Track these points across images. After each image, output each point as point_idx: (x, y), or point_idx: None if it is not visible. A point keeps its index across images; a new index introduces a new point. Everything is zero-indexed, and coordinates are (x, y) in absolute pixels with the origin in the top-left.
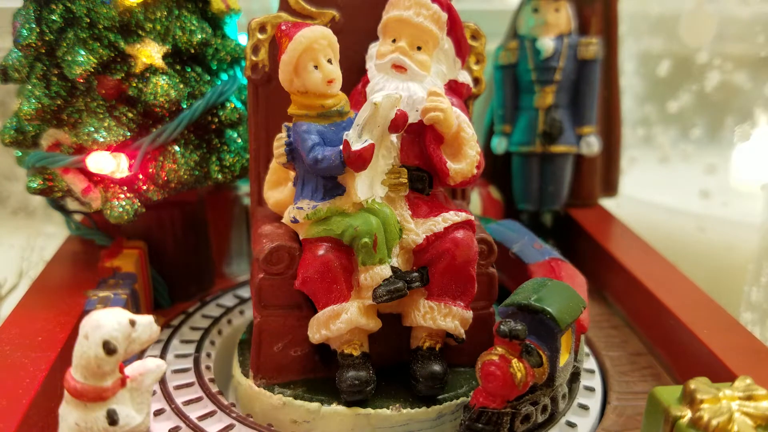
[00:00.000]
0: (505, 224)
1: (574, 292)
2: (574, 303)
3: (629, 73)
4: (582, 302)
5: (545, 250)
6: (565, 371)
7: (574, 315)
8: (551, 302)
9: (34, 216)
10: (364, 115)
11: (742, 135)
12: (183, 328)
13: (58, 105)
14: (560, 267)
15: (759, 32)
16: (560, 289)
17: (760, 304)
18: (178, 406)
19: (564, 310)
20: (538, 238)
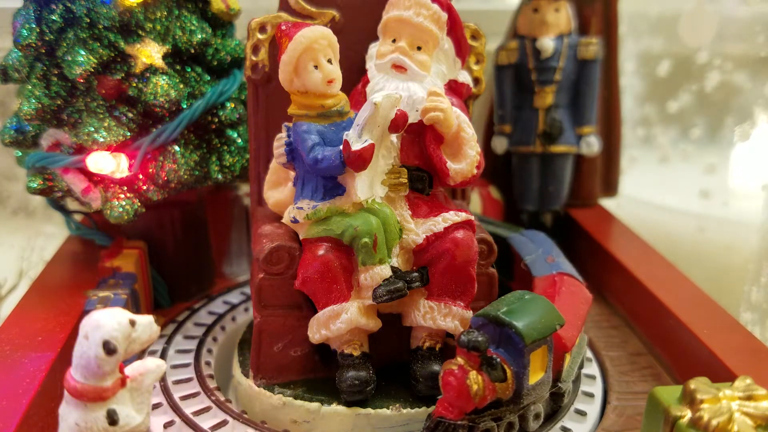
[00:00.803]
0: (530, 234)
1: (552, 309)
2: (547, 320)
3: (629, 73)
4: (558, 320)
5: (556, 264)
6: (538, 390)
7: (544, 332)
8: (520, 316)
9: (34, 216)
10: (364, 115)
11: (742, 135)
12: (186, 324)
13: (58, 105)
14: (563, 282)
15: (759, 32)
16: (536, 304)
17: (760, 304)
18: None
19: (533, 326)
20: (556, 251)
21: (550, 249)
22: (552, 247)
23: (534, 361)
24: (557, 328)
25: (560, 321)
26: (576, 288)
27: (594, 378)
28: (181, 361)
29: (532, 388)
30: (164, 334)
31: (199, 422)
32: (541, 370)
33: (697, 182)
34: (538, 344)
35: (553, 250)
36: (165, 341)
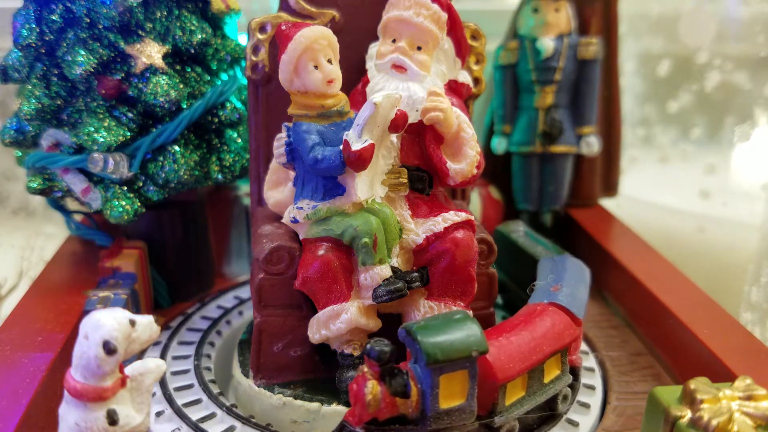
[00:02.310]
0: (561, 259)
1: (475, 334)
2: (461, 343)
3: (629, 73)
4: (478, 347)
5: (556, 294)
6: (454, 417)
7: (453, 355)
8: (432, 334)
9: (34, 216)
10: (364, 115)
11: (742, 135)
12: (183, 327)
13: (58, 105)
14: (543, 314)
15: (759, 32)
16: (458, 326)
17: (760, 304)
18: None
19: (439, 346)
20: (572, 282)
21: (565, 278)
22: (571, 276)
23: (448, 384)
24: (473, 355)
25: (480, 348)
26: (557, 323)
27: (594, 378)
28: (182, 359)
29: (444, 412)
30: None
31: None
32: (460, 397)
33: (697, 182)
34: (452, 367)
35: (568, 279)
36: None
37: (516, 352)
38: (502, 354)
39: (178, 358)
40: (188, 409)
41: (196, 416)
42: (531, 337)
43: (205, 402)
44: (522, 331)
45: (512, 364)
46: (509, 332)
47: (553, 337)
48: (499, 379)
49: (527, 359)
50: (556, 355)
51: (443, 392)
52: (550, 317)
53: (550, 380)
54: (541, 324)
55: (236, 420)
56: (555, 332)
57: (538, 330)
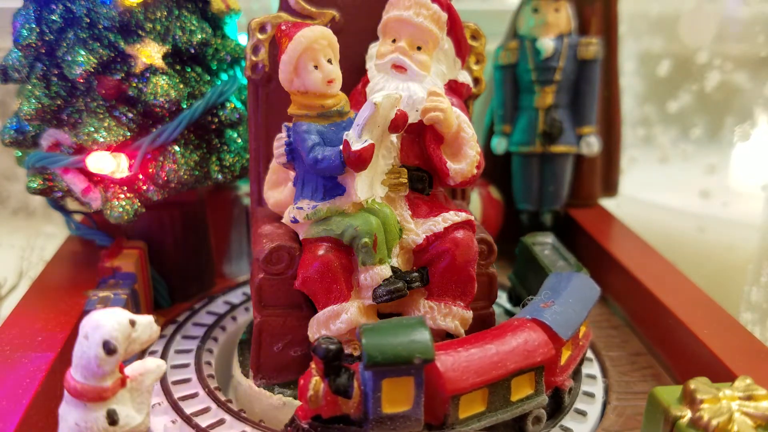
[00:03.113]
0: (566, 276)
1: (423, 341)
2: (405, 349)
3: (629, 73)
4: (423, 354)
5: (542, 310)
6: (399, 424)
7: (394, 359)
8: (377, 336)
9: (34, 216)
10: (364, 115)
11: (742, 135)
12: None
13: (58, 105)
14: (519, 328)
15: (759, 32)
16: (407, 331)
17: (760, 304)
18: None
19: (380, 348)
20: (568, 301)
21: (563, 295)
22: (570, 294)
23: (392, 389)
24: (415, 361)
25: (424, 355)
26: (530, 340)
27: (594, 378)
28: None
29: (388, 417)
30: (164, 334)
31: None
32: (405, 404)
33: (697, 182)
34: (395, 372)
35: (565, 297)
36: (166, 340)
37: (473, 365)
38: (457, 365)
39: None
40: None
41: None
42: (495, 351)
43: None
44: (486, 344)
45: (467, 377)
46: (472, 344)
47: (521, 353)
48: (447, 390)
49: (486, 373)
50: (528, 374)
51: (386, 397)
52: (525, 333)
53: (519, 399)
54: (511, 339)
55: (227, 414)
56: (525, 349)
57: (505, 345)
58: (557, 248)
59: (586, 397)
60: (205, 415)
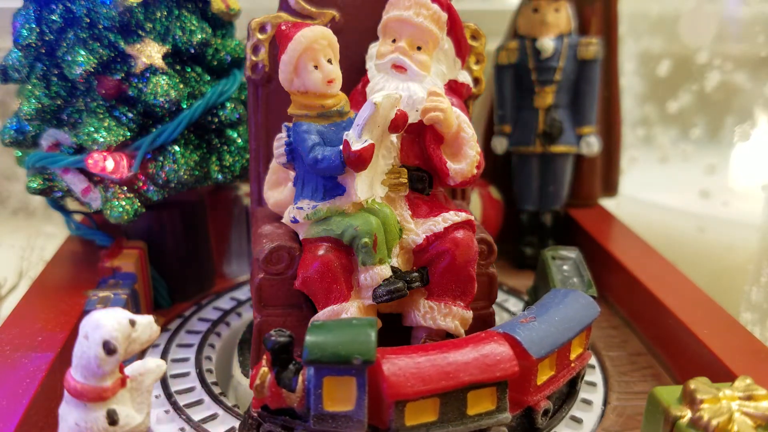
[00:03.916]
0: (564, 294)
1: (365, 343)
2: (346, 348)
3: (629, 73)
4: (363, 354)
5: (519, 326)
6: (340, 423)
7: (332, 358)
8: (322, 333)
9: (34, 216)
10: (364, 115)
11: (742, 135)
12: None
13: (58, 105)
14: (484, 341)
15: (759, 32)
16: (354, 331)
17: (760, 304)
18: None
19: (321, 346)
20: (549, 316)
21: (548, 313)
22: (557, 313)
23: (333, 388)
24: (354, 361)
25: (364, 356)
26: (492, 355)
27: (594, 377)
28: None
29: (329, 415)
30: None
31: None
32: (347, 404)
33: (697, 182)
34: (335, 370)
35: (551, 315)
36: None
37: (422, 372)
38: (403, 370)
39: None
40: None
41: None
42: (449, 360)
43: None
44: (442, 353)
45: (412, 383)
46: (427, 351)
47: (479, 366)
48: (388, 395)
49: (434, 382)
50: (488, 388)
51: (327, 394)
52: (489, 346)
53: (477, 414)
54: (471, 350)
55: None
56: (485, 363)
57: (462, 355)
58: (578, 264)
59: (587, 396)
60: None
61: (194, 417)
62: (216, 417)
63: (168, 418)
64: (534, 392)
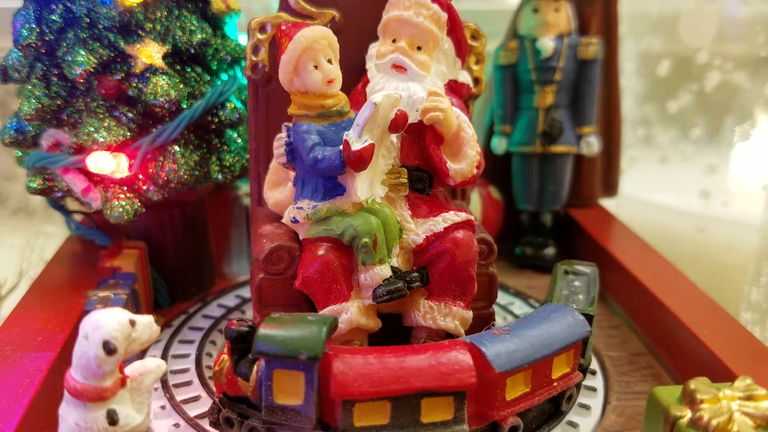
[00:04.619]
0: (552, 310)
1: (315, 339)
2: (293, 344)
3: (629, 73)
4: (310, 351)
5: (487, 338)
6: (290, 417)
7: (279, 351)
8: (276, 327)
9: (34, 216)
10: (364, 115)
11: (742, 135)
12: (183, 328)
13: (58, 105)
14: (445, 349)
15: (759, 32)
16: (306, 326)
17: (760, 304)
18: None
19: (270, 339)
20: (525, 331)
21: (526, 327)
22: (536, 330)
23: (283, 381)
24: (300, 357)
25: (310, 352)
26: (449, 363)
27: (594, 378)
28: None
29: (279, 408)
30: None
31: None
32: (296, 398)
33: (697, 182)
34: (283, 364)
35: (527, 331)
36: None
37: (372, 374)
38: (352, 370)
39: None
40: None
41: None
42: (402, 365)
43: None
44: (397, 357)
45: (359, 384)
46: (382, 353)
47: (433, 374)
48: (333, 393)
49: (383, 385)
50: (445, 398)
51: (278, 387)
52: (449, 355)
53: (432, 422)
54: (428, 357)
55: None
56: (440, 371)
57: (417, 361)
58: (591, 281)
59: (587, 396)
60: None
61: (190, 413)
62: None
63: (164, 414)
64: (501, 407)
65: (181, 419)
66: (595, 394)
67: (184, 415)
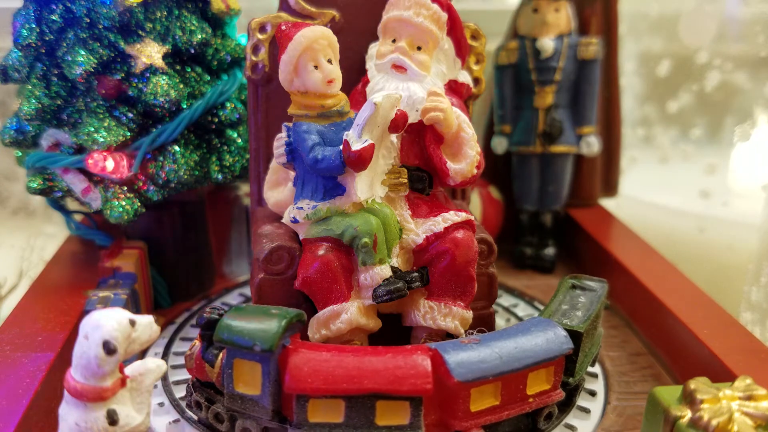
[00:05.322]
0: (534, 324)
1: (271, 332)
2: (250, 335)
3: (629, 73)
4: (262, 343)
5: (452, 346)
6: (248, 406)
7: (236, 341)
8: (238, 317)
9: (34, 216)
10: (364, 115)
11: (742, 135)
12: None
13: (58, 105)
14: (407, 353)
15: (759, 32)
16: (266, 319)
17: (760, 304)
18: None
19: (229, 329)
20: (495, 341)
21: (498, 339)
22: (509, 342)
23: (242, 371)
24: (255, 348)
25: (264, 345)
26: (405, 367)
27: (595, 378)
28: None
29: (239, 396)
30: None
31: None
32: (254, 388)
33: (697, 182)
34: (241, 354)
35: (498, 343)
36: None
37: (325, 371)
38: (307, 366)
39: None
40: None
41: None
42: (357, 365)
43: None
44: (354, 357)
45: (311, 380)
46: (341, 352)
47: (387, 377)
48: (286, 387)
49: (335, 383)
50: (401, 402)
51: (237, 376)
52: (408, 359)
53: (387, 425)
54: (387, 360)
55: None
56: (394, 374)
57: (374, 363)
58: (596, 298)
59: (588, 396)
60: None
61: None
62: None
63: (163, 410)
64: (464, 417)
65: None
66: (595, 395)
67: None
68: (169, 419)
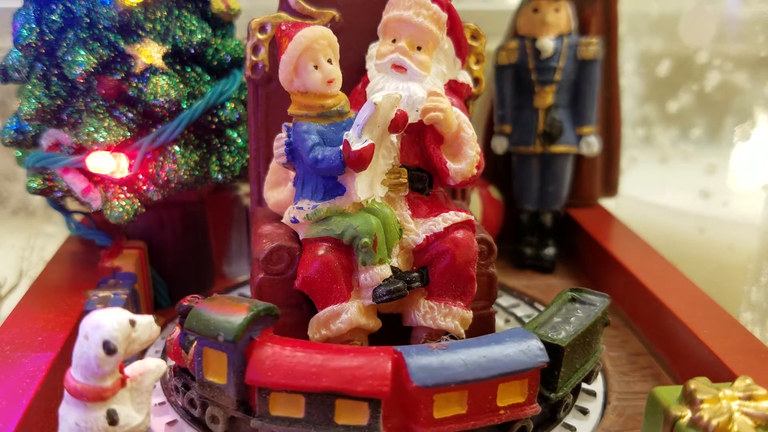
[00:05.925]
0: (512, 334)
1: (235, 323)
2: (215, 325)
3: (629, 73)
4: (226, 334)
5: (416, 350)
6: (216, 394)
7: (202, 330)
8: (210, 306)
9: (34, 216)
10: (364, 115)
11: (742, 135)
12: None
13: (58, 105)
14: (372, 353)
15: (759, 32)
16: (234, 310)
17: (760, 304)
18: None
19: (198, 318)
20: (466, 349)
21: (468, 347)
22: (480, 350)
23: (210, 359)
24: (219, 339)
25: (227, 335)
26: (365, 367)
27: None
28: None
29: (208, 384)
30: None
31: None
32: (221, 377)
33: (697, 182)
34: (209, 343)
35: (470, 351)
36: None
37: (287, 366)
38: (270, 359)
39: None
40: None
41: None
42: (318, 363)
43: None
44: (318, 354)
45: (272, 373)
46: (306, 348)
47: (345, 376)
48: (246, 378)
49: (294, 378)
50: (360, 402)
51: (207, 365)
52: (369, 360)
53: (345, 425)
54: (348, 359)
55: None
56: (352, 374)
57: (334, 361)
58: (593, 313)
59: (588, 396)
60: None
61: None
62: None
63: (163, 410)
64: (426, 424)
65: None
66: (595, 395)
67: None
68: (169, 419)
